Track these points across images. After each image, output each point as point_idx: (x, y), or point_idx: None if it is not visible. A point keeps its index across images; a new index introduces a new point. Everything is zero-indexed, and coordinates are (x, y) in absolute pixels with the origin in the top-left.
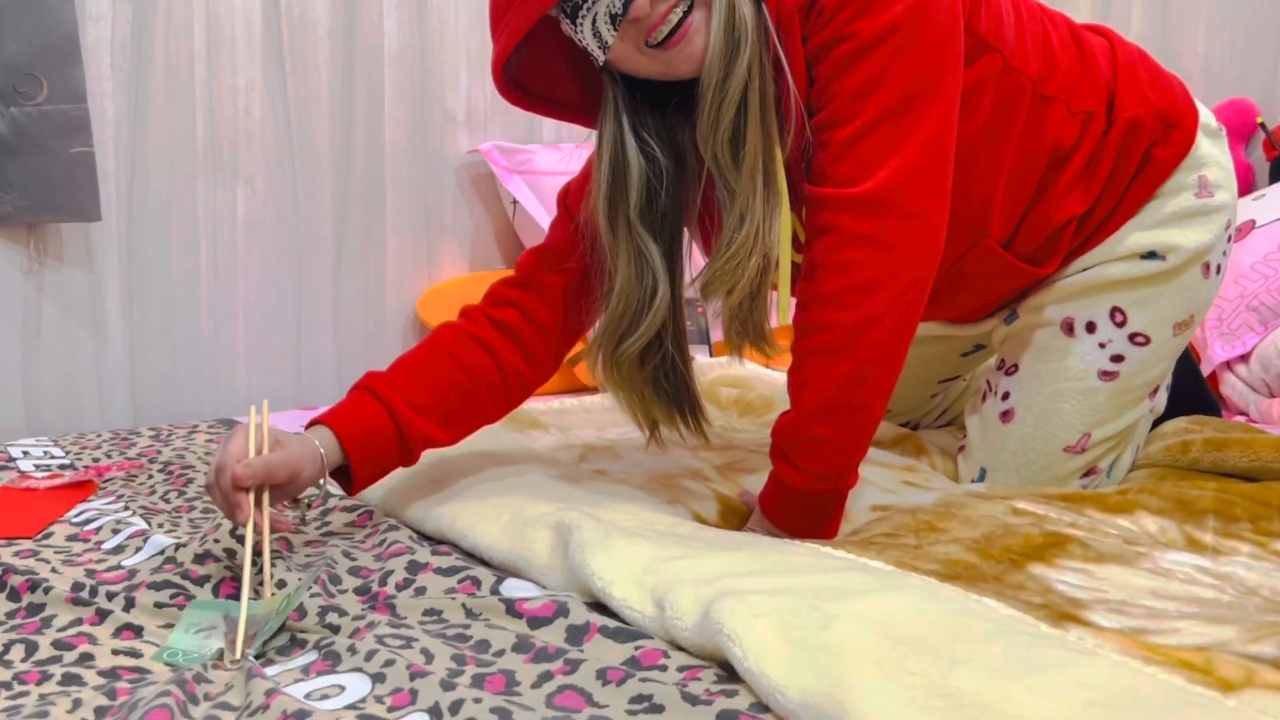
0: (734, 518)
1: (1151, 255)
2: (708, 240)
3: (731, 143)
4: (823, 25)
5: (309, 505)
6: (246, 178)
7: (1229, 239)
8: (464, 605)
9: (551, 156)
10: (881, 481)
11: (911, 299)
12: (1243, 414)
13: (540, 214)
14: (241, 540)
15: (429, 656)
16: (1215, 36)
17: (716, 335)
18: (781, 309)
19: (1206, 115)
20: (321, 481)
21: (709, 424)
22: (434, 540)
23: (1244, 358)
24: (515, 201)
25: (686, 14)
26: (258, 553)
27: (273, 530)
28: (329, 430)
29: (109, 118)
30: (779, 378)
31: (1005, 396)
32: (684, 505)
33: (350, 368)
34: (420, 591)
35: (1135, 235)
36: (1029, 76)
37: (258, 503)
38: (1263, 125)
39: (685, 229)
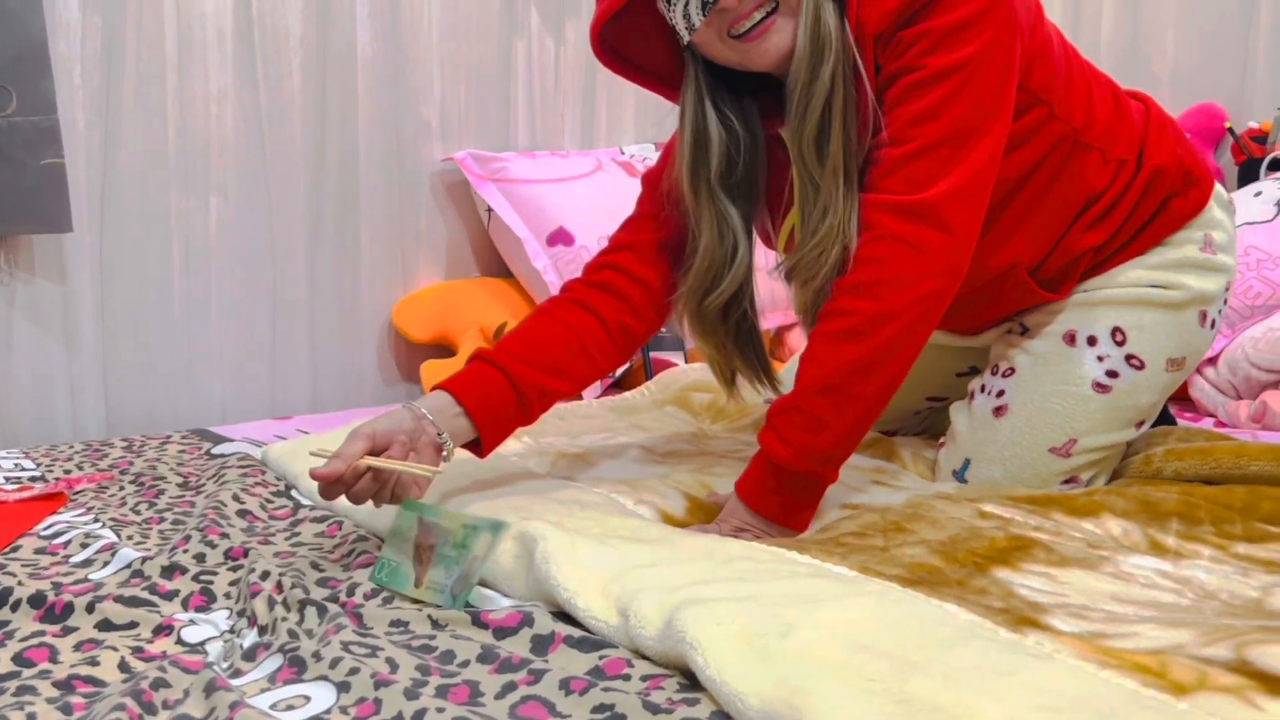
0: (702, 514)
1: (1156, 286)
2: (770, 225)
3: (816, 141)
4: (898, 55)
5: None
6: (219, 187)
7: (1225, 301)
8: (430, 616)
9: (526, 164)
10: (851, 482)
11: (930, 306)
12: (1211, 416)
13: (516, 222)
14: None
15: (394, 666)
16: (1184, 42)
17: (690, 343)
18: None
19: (1221, 189)
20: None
21: (779, 382)
22: None
23: (1212, 361)
24: (490, 209)
25: (769, 14)
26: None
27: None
28: (445, 393)
29: (80, 128)
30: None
31: (1000, 394)
32: (651, 505)
33: (325, 376)
34: (387, 601)
35: (1139, 271)
36: (1073, 126)
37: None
38: (1230, 130)
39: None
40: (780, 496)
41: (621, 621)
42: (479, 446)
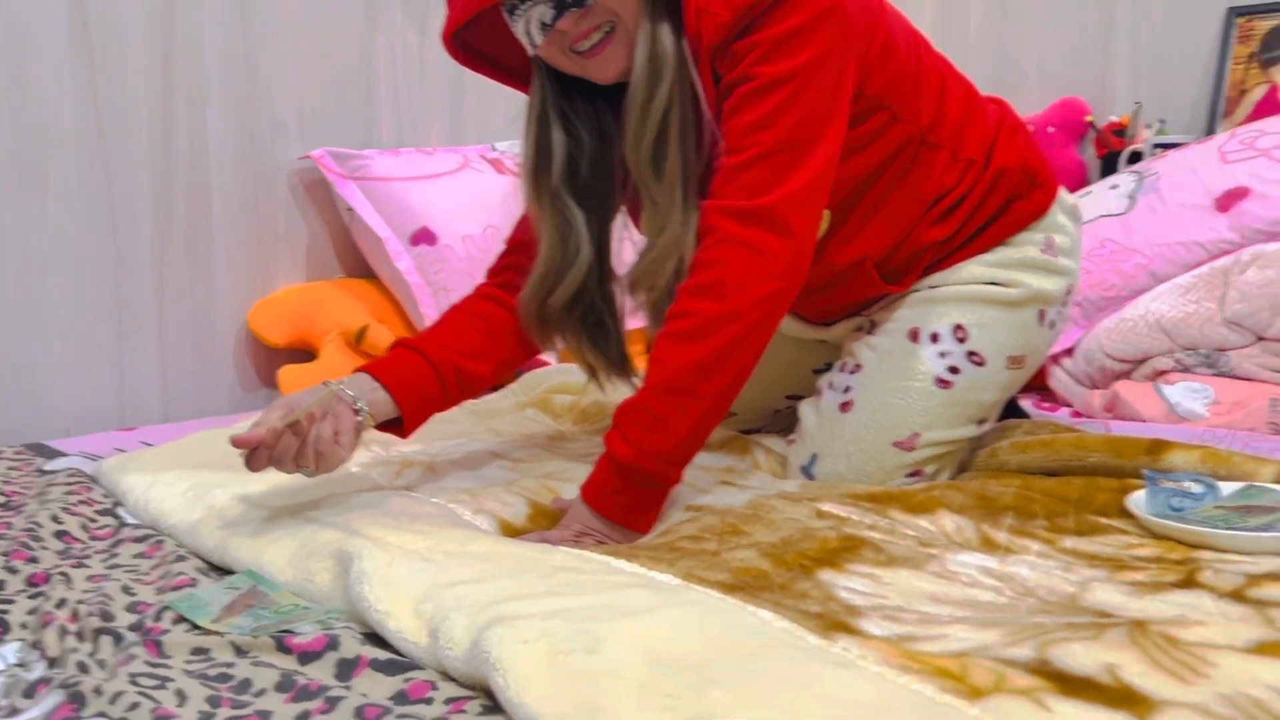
0: (544, 520)
1: (994, 284)
2: (636, 217)
3: (653, 160)
4: (733, 65)
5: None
6: (57, 190)
7: (1065, 304)
8: (233, 642)
9: (389, 162)
10: (698, 483)
11: (771, 309)
12: (1068, 406)
13: (378, 222)
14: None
15: (182, 698)
16: (1048, 38)
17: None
18: None
19: (1066, 194)
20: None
21: (637, 378)
22: (224, 570)
23: (1069, 352)
24: (350, 209)
25: (606, 35)
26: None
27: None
28: (361, 373)
29: None
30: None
31: (846, 390)
32: (490, 515)
33: (177, 384)
34: (195, 627)
35: (979, 268)
36: (920, 127)
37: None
38: (1092, 124)
39: (615, 206)
40: (623, 497)
41: (431, 642)
42: (401, 427)
